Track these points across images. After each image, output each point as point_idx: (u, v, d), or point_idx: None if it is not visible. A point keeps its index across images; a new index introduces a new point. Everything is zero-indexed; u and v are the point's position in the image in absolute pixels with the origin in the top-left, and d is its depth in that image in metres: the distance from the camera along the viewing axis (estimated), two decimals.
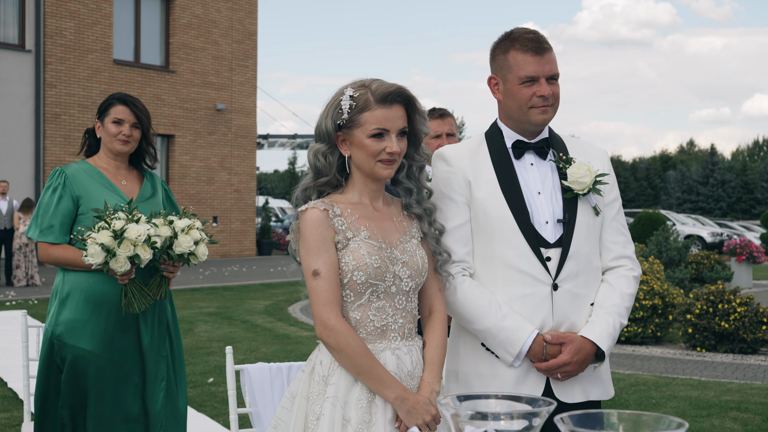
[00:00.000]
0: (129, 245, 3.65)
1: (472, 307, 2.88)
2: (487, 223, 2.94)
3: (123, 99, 4.13)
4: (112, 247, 3.64)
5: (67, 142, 22.77)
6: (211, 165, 26.43)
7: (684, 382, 8.57)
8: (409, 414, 2.56)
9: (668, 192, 74.42)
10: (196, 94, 25.94)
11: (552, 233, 2.94)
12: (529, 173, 3.01)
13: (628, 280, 3.02)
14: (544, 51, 2.96)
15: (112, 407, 3.97)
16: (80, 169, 4.12)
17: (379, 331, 2.64)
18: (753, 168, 74.80)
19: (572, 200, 2.97)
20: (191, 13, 25.88)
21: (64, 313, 3.96)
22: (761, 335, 10.16)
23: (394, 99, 2.63)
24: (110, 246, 3.64)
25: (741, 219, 63.36)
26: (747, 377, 8.97)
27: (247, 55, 27.53)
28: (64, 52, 22.81)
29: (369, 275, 2.59)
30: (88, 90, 23.17)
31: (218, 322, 12.57)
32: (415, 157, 2.76)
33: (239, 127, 27.29)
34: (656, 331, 10.92)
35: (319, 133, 2.69)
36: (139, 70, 24.49)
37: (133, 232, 3.66)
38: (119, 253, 3.64)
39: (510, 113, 3.02)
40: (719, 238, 33.50)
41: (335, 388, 2.58)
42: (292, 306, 14.98)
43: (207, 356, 9.65)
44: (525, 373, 2.90)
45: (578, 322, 2.94)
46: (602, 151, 3.14)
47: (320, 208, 2.62)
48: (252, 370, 3.58)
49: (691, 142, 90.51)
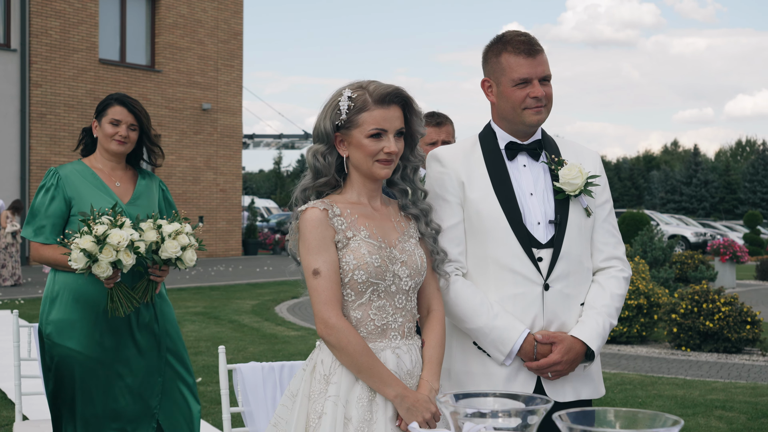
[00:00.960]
0: (111, 250, 3.63)
1: (464, 307, 2.93)
2: (480, 223, 2.98)
3: (121, 100, 4.13)
4: (94, 253, 3.63)
5: (53, 142, 22.70)
6: (197, 165, 26.39)
7: (669, 381, 8.64)
8: (409, 412, 2.60)
9: (652, 192, 74.73)
10: (181, 94, 25.89)
11: (544, 234, 2.98)
12: (521, 174, 3.05)
13: (619, 281, 3.06)
14: (536, 53, 3.00)
15: (102, 407, 3.97)
16: (74, 170, 4.12)
17: (379, 330, 2.67)
18: (736, 168, 75.24)
19: (564, 201, 3.01)
20: (177, 12, 25.83)
21: (54, 313, 3.98)
22: (745, 335, 10.25)
23: (392, 100, 2.68)
24: (92, 251, 3.63)
25: (724, 219, 63.68)
26: (731, 376, 9.05)
27: (232, 54, 27.50)
28: (49, 51, 22.72)
29: (370, 274, 2.63)
30: (73, 89, 23.10)
31: (205, 322, 12.57)
32: (410, 159, 2.81)
33: (225, 127, 27.26)
34: (641, 331, 10.99)
35: (318, 133, 2.72)
36: (124, 69, 24.42)
37: (115, 238, 3.64)
38: (101, 258, 3.63)
39: (504, 115, 3.06)
40: (703, 238, 33.70)
41: (337, 386, 2.61)
42: (279, 306, 14.99)
43: (194, 356, 9.65)
44: (516, 371, 2.95)
45: (569, 322, 2.98)
46: (594, 153, 3.19)
47: (320, 208, 2.65)
48: (245, 370, 3.60)
49: (674, 143, 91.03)
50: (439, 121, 4.57)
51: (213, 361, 9.41)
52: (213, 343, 10.59)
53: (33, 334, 4.54)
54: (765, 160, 69.48)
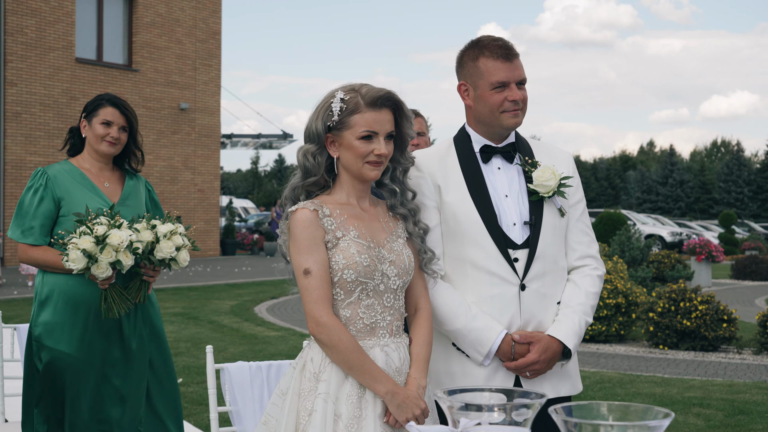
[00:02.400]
0: (111, 251, 3.63)
1: (442, 309, 2.98)
2: (457, 225, 3.03)
3: (113, 101, 4.12)
4: (94, 253, 3.62)
5: (28, 141, 22.53)
6: (175, 164, 26.28)
7: (647, 380, 8.72)
8: (399, 408, 2.64)
9: (628, 192, 75.18)
10: (159, 94, 25.78)
11: (519, 235, 3.04)
12: (496, 177, 3.11)
13: (593, 279, 3.13)
14: (513, 57, 3.07)
15: (90, 411, 3.94)
16: (62, 170, 4.09)
17: (368, 328, 2.71)
18: (711, 168, 75.79)
19: (538, 203, 3.07)
20: (154, 11, 25.71)
21: (43, 315, 3.95)
22: (722, 333, 10.36)
23: (384, 103, 2.73)
24: (92, 252, 3.62)
25: (699, 219, 64.21)
26: (708, 374, 9.15)
27: (210, 54, 27.42)
28: (25, 50, 22.55)
29: (359, 273, 2.67)
30: (49, 89, 22.94)
31: (184, 323, 12.54)
32: (400, 161, 2.86)
33: (203, 127, 27.17)
34: (620, 330, 11.09)
35: (309, 133, 2.76)
36: (101, 68, 24.28)
37: (116, 239, 3.64)
38: (101, 259, 3.62)
39: (481, 118, 3.10)
40: (679, 237, 33.98)
41: (326, 384, 2.64)
42: (258, 306, 14.97)
43: (175, 357, 9.62)
44: (494, 371, 3.00)
45: (545, 321, 3.04)
46: (567, 154, 3.25)
47: (310, 209, 2.69)
48: (232, 369, 3.62)
49: (650, 143, 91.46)
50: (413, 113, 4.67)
51: (193, 361, 9.40)
52: (193, 344, 10.58)
53: (16, 336, 4.52)
54: (739, 160, 70.09)
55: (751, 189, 68.29)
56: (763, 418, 7.05)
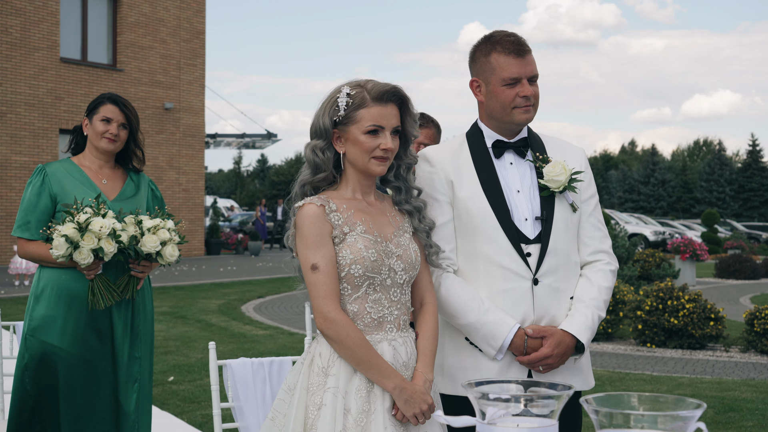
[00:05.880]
0: (93, 237, 3.69)
1: (455, 303, 2.98)
2: (470, 220, 3.04)
3: (113, 98, 4.17)
4: (75, 239, 3.69)
5: (14, 141, 22.41)
6: (160, 164, 26.19)
7: (637, 377, 8.78)
8: (407, 403, 2.65)
9: (610, 191, 75.48)
10: (144, 93, 25.69)
11: (531, 230, 3.05)
12: (508, 172, 3.12)
13: (606, 273, 3.14)
14: (525, 53, 3.07)
15: (84, 406, 3.96)
16: (62, 167, 4.15)
17: (376, 322, 2.72)
18: (692, 168, 76.19)
19: (549, 198, 3.09)
20: (139, 11, 25.62)
21: (38, 309, 3.99)
22: (709, 331, 10.44)
23: (390, 98, 2.74)
24: (73, 237, 3.68)
25: (681, 218, 64.50)
26: (697, 371, 9.22)
27: (195, 54, 27.34)
28: (9, 49, 22.43)
29: (366, 268, 2.68)
30: (34, 88, 22.82)
31: (172, 322, 12.52)
32: (403, 158, 2.86)
33: (187, 126, 27.10)
34: (607, 328, 11.15)
35: (316, 129, 2.77)
36: (86, 68, 24.17)
37: (97, 225, 3.70)
38: (83, 245, 3.69)
39: (493, 114, 3.12)
40: (662, 236, 34.18)
41: (336, 378, 2.65)
42: (245, 305, 14.97)
43: (165, 355, 9.62)
44: (508, 366, 3.00)
45: (558, 316, 3.05)
46: (579, 149, 3.27)
47: (317, 204, 2.70)
48: (235, 365, 3.64)
49: (632, 142, 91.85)
50: (420, 123, 4.58)
51: (183, 360, 9.39)
52: (182, 342, 10.57)
53: (16, 334, 4.52)
54: (721, 159, 70.52)
55: (732, 188, 68.72)
56: (753, 414, 7.11)
